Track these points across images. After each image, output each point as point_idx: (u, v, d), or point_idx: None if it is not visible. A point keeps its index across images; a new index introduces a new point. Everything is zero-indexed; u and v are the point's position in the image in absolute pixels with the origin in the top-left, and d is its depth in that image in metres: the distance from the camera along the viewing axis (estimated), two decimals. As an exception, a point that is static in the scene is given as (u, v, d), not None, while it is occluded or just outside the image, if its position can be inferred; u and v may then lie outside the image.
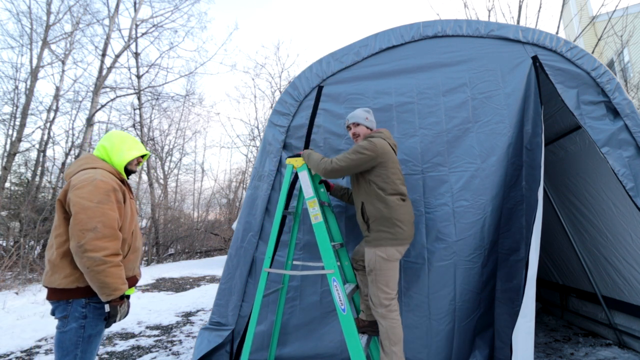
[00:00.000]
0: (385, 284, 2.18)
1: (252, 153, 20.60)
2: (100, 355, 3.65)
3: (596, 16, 9.88)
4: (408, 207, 2.30)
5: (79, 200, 1.69)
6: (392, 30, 3.01)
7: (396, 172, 2.30)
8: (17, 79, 11.73)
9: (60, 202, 1.76)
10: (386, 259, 2.17)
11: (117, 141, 1.99)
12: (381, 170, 2.25)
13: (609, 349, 3.52)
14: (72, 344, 1.72)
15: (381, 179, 2.25)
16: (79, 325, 1.73)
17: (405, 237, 2.22)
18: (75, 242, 1.64)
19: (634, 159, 2.49)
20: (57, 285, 1.72)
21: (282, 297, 2.81)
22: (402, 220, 2.21)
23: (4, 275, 7.60)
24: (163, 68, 22.42)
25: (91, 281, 1.68)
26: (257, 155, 3.16)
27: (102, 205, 1.72)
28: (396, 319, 2.17)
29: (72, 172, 1.87)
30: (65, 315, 1.73)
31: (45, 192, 11.92)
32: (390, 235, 2.18)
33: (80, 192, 1.71)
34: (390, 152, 2.31)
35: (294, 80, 3.07)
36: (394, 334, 2.14)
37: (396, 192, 2.25)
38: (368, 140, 2.28)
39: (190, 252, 15.34)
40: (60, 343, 1.73)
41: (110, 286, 1.70)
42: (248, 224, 3.00)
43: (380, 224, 2.21)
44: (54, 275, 1.73)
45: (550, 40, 2.73)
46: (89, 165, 1.88)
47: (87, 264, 1.64)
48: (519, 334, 2.11)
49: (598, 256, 3.59)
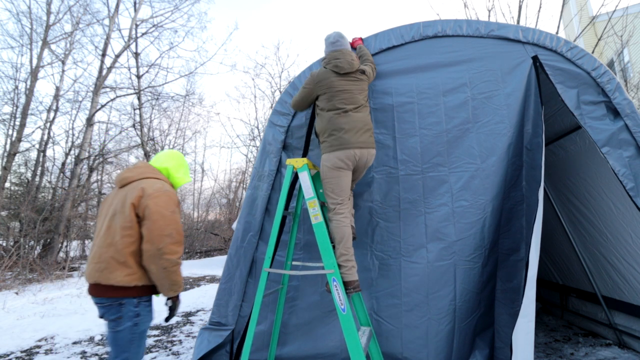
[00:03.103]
0: (331, 190, 2.43)
1: (252, 153, 20.60)
2: (100, 355, 3.65)
3: (596, 16, 9.87)
4: (348, 117, 2.47)
5: (158, 208, 1.90)
6: (392, 30, 3.01)
7: (338, 94, 2.50)
8: (17, 79, 11.74)
9: (133, 205, 1.91)
10: (329, 167, 2.42)
11: (179, 164, 2.27)
12: (324, 97, 2.54)
13: (609, 349, 3.52)
14: (127, 341, 1.88)
15: (322, 102, 2.55)
16: (133, 323, 1.89)
17: (344, 143, 2.40)
18: (155, 246, 1.86)
19: (634, 159, 2.48)
20: (116, 282, 1.85)
21: (282, 297, 2.81)
22: (339, 129, 2.43)
23: (4, 275, 7.60)
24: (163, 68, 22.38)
25: (164, 279, 1.91)
26: (257, 155, 3.16)
27: (174, 215, 1.97)
28: (341, 220, 2.39)
29: (131, 177, 2.04)
30: (119, 316, 1.87)
31: (45, 192, 11.93)
32: (327, 143, 2.45)
33: (158, 201, 1.92)
34: (329, 78, 2.53)
35: (294, 80, 3.07)
36: (337, 233, 2.37)
37: (334, 108, 2.49)
38: (311, 74, 2.64)
39: (190, 252, 15.34)
40: (115, 341, 1.88)
41: (178, 283, 1.97)
42: (248, 224, 3.00)
43: (322, 136, 2.51)
44: (114, 272, 1.85)
45: (551, 40, 2.73)
46: (153, 175, 2.09)
47: (165, 264, 1.88)
48: (519, 334, 2.11)
49: (598, 256, 3.59)
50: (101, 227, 1.99)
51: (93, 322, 4.77)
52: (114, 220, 1.93)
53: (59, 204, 10.48)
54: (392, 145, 2.89)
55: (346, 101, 2.50)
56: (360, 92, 2.58)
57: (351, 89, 2.54)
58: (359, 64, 2.67)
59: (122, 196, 1.98)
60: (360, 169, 2.56)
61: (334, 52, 2.64)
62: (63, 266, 9.33)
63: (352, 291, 2.28)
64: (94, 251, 1.95)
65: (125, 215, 1.90)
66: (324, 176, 2.48)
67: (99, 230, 2.01)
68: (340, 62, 2.56)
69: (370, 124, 2.57)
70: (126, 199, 1.94)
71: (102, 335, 4.34)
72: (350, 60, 2.58)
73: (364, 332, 2.41)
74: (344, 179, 2.44)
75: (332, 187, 2.44)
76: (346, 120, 2.46)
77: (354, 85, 2.56)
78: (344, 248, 2.34)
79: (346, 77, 2.56)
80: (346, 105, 2.50)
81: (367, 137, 2.49)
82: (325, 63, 2.65)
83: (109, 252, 1.88)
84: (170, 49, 14.87)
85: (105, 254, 1.88)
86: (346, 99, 2.51)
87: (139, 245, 1.91)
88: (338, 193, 2.43)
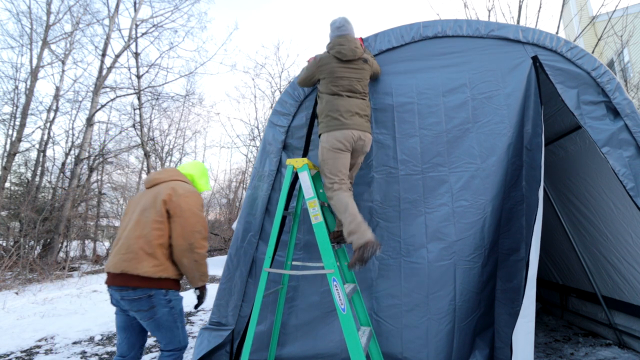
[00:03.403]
0: (329, 171, 2.45)
1: (252, 153, 20.60)
2: (100, 355, 3.65)
3: (596, 16, 9.87)
4: (347, 100, 2.51)
5: (189, 207, 2.11)
6: (392, 31, 3.00)
7: (337, 80, 2.53)
8: (17, 79, 11.74)
9: (164, 202, 2.08)
10: (327, 148, 2.44)
11: (202, 173, 2.53)
12: (324, 81, 2.59)
13: (609, 349, 3.52)
14: (171, 322, 2.07)
15: (323, 86, 2.60)
16: (168, 308, 2.06)
17: (342, 124, 2.44)
18: (187, 240, 2.06)
19: (634, 159, 2.48)
20: (144, 272, 1.96)
21: (282, 297, 2.81)
22: (335, 110, 2.48)
23: (4, 275, 7.60)
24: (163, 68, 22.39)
25: (194, 271, 2.11)
26: (257, 156, 3.16)
27: (202, 213, 2.20)
28: (339, 194, 2.41)
29: (161, 179, 2.26)
30: (152, 306, 2.01)
31: (45, 192, 11.93)
32: (324, 124, 2.51)
33: (189, 200, 2.13)
34: (331, 64, 2.56)
35: (294, 80, 3.07)
36: (340, 205, 2.38)
37: (333, 92, 2.53)
38: (315, 56, 2.71)
39: (190, 252, 15.29)
40: (158, 327, 2.04)
41: (206, 274, 2.20)
42: (248, 224, 3.00)
43: (320, 117, 2.57)
44: (141, 262, 1.97)
45: (551, 40, 2.73)
46: (181, 178, 2.33)
47: (196, 257, 2.09)
48: (519, 334, 2.11)
49: (598, 256, 3.59)
50: (128, 222, 2.13)
51: (93, 322, 4.77)
52: (144, 214, 2.08)
53: (59, 204, 10.48)
54: (392, 145, 2.89)
55: (344, 87, 2.55)
56: (359, 81, 2.59)
57: (350, 77, 2.57)
58: (363, 52, 2.68)
59: (152, 194, 2.15)
60: (358, 152, 2.57)
61: (338, 38, 2.65)
62: (63, 266, 9.34)
63: (373, 250, 2.17)
64: (121, 243, 2.06)
65: (157, 209, 2.06)
66: (322, 157, 2.49)
67: (126, 225, 2.14)
68: (343, 49, 2.57)
69: (367, 111, 2.60)
70: (157, 196, 2.10)
71: (102, 335, 4.34)
72: (353, 47, 2.60)
73: (364, 332, 2.41)
74: (341, 160, 2.45)
75: (330, 167, 2.45)
76: (343, 103, 2.50)
77: (354, 74, 2.58)
78: (351, 214, 2.29)
79: (348, 65, 2.58)
80: (343, 92, 2.54)
81: (363, 122, 2.53)
82: (329, 48, 2.67)
83: (138, 243, 2.00)
84: (170, 49, 14.88)
85: (135, 244, 2.00)
86: (344, 86, 2.55)
87: (167, 239, 2.06)
88: (335, 173, 2.44)
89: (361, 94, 2.60)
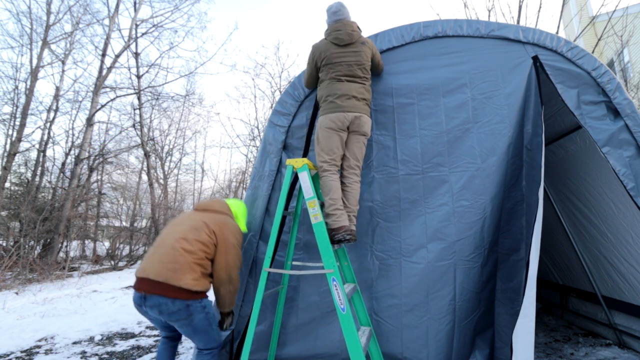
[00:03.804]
0: (321, 149, 2.57)
1: (252, 153, 20.58)
2: (100, 355, 3.65)
3: (596, 16, 9.87)
4: (345, 84, 2.59)
5: (235, 242, 2.36)
6: (392, 31, 3.00)
7: (335, 66, 2.62)
8: (17, 79, 11.74)
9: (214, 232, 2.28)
10: (323, 127, 2.57)
11: (244, 213, 2.76)
12: (324, 68, 2.68)
13: (609, 349, 3.52)
14: (206, 325, 2.22)
15: (322, 73, 2.70)
16: (204, 313, 2.20)
17: (337, 107, 2.55)
18: (227, 273, 2.29)
19: (634, 159, 2.48)
20: (185, 284, 2.10)
21: (282, 297, 2.81)
22: (332, 94, 2.58)
23: (4, 275, 7.60)
24: (163, 68, 22.39)
25: (226, 299, 2.35)
26: (257, 156, 3.15)
27: (240, 249, 2.46)
28: (328, 176, 2.53)
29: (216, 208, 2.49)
30: (189, 314, 2.13)
31: (45, 192, 11.93)
32: (322, 108, 2.64)
33: (237, 236, 2.39)
34: (329, 50, 2.64)
35: (294, 80, 3.07)
36: (325, 187, 2.51)
37: (331, 77, 2.63)
38: (312, 45, 2.78)
39: (190, 252, 15.28)
40: (194, 331, 2.19)
41: (234, 302, 2.46)
42: (248, 224, 3.00)
43: (320, 102, 2.68)
44: (184, 274, 2.11)
45: (551, 40, 2.73)
46: (231, 214, 2.57)
47: (231, 289, 2.34)
48: (519, 334, 2.11)
49: (598, 256, 3.59)
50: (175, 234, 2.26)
51: (93, 322, 4.77)
52: (194, 232, 2.25)
53: (59, 204, 10.48)
54: (392, 145, 2.89)
55: (342, 72, 2.61)
56: (358, 65, 2.64)
57: (349, 61, 2.62)
58: (360, 35, 2.71)
59: (205, 218, 2.34)
60: (355, 132, 2.61)
61: (335, 23, 2.71)
62: (63, 266, 9.33)
63: (344, 235, 2.35)
64: (166, 252, 2.18)
65: (207, 234, 2.26)
66: (317, 137, 2.61)
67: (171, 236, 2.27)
68: (340, 34, 2.64)
69: (365, 95, 2.65)
70: (210, 223, 2.31)
71: (102, 335, 4.34)
72: (350, 31, 2.65)
73: (364, 332, 2.41)
74: (333, 139, 2.55)
75: (322, 145, 2.56)
76: (339, 87, 2.58)
77: (352, 57, 2.63)
78: (331, 199, 2.45)
79: (345, 49, 2.64)
80: (341, 76, 2.61)
81: (360, 105, 2.59)
82: (326, 34, 2.73)
83: (185, 256, 2.15)
84: (170, 49, 14.89)
85: (182, 257, 2.14)
86: (341, 70, 2.61)
87: (208, 262, 2.25)
88: (327, 152, 2.54)
89: (361, 78, 2.65)
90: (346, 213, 2.48)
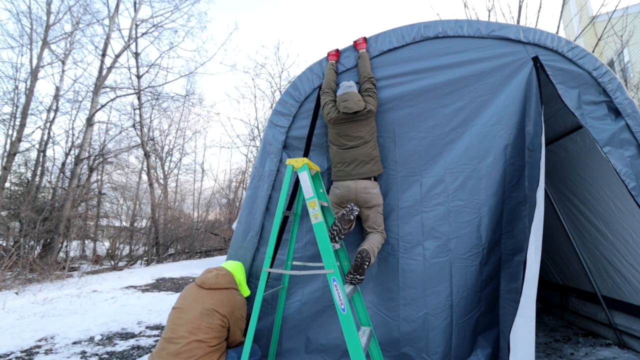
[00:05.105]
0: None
1: (252, 153, 20.61)
2: (100, 355, 3.65)
3: (596, 16, 9.87)
4: (345, 152, 2.76)
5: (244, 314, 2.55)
6: (392, 31, 3.00)
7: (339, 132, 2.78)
8: (17, 79, 11.75)
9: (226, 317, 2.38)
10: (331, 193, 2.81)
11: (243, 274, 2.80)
12: (331, 131, 2.85)
13: (609, 349, 3.52)
14: None
15: (331, 136, 2.87)
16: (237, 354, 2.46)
17: (339, 175, 2.76)
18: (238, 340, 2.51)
19: (635, 159, 2.49)
20: None
21: (282, 296, 2.81)
22: (336, 162, 2.80)
23: (4, 275, 7.60)
24: (163, 68, 22.43)
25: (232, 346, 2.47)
26: (257, 155, 3.16)
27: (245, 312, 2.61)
28: None
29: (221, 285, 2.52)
30: None
31: (45, 192, 11.94)
32: (332, 173, 2.84)
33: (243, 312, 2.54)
34: (334, 117, 2.78)
35: (295, 81, 3.07)
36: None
37: (334, 144, 2.82)
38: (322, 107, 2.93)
39: (190, 252, 15.33)
40: None
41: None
42: (248, 224, 3.00)
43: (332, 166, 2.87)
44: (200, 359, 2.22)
45: (552, 40, 2.72)
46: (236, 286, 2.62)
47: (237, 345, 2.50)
48: (518, 334, 2.11)
49: (598, 256, 3.59)
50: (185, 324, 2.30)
51: (93, 322, 4.77)
52: (205, 319, 2.31)
53: (59, 204, 10.48)
54: (392, 147, 2.93)
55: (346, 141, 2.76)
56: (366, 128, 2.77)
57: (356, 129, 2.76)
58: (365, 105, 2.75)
59: (214, 300, 2.40)
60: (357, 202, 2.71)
61: (343, 95, 2.79)
62: (63, 266, 9.33)
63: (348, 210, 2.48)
64: (179, 349, 2.21)
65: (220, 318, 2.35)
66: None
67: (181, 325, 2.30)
68: (348, 104, 2.70)
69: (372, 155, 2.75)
70: (220, 305, 2.38)
71: (102, 335, 4.34)
72: (357, 100, 2.72)
73: (364, 332, 2.41)
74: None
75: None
76: (343, 155, 2.76)
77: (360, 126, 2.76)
78: None
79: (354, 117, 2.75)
80: (345, 142, 2.77)
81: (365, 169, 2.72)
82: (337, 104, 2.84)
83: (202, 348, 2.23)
84: (170, 49, 14.91)
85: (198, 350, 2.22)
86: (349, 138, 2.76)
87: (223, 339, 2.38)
88: None
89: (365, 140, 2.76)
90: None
